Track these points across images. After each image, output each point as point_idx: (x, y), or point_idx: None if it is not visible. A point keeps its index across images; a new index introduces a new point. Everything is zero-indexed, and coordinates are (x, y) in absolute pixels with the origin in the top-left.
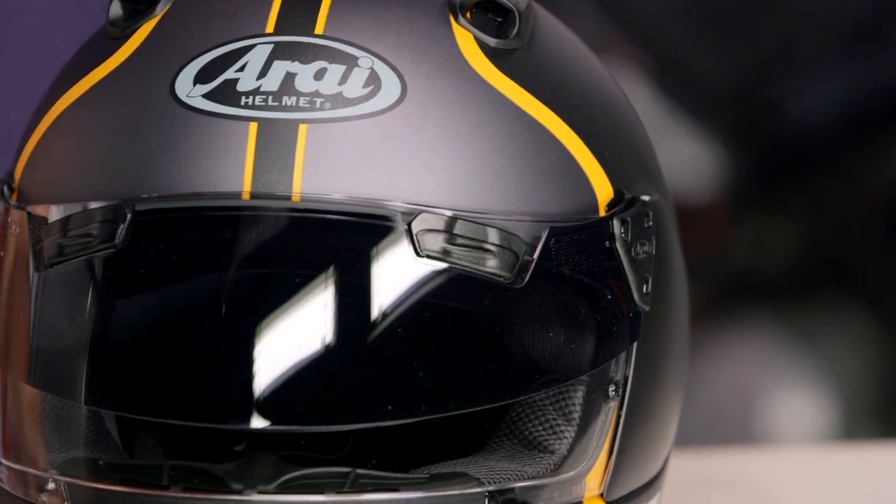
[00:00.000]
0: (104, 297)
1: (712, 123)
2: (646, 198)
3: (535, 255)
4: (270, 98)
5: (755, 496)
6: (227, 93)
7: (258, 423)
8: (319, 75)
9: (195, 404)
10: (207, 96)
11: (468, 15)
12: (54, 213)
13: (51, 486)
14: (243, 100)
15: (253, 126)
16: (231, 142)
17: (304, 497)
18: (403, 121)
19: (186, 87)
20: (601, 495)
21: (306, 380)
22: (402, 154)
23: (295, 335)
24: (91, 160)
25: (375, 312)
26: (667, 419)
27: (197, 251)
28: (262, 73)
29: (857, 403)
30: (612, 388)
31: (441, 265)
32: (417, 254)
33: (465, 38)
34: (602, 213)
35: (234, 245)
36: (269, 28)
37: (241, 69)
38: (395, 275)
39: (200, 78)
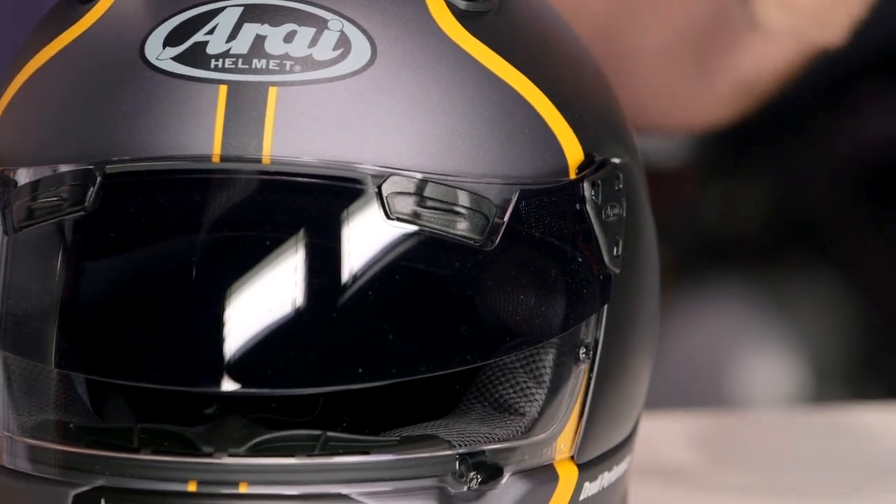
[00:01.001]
0: (74, 260)
1: None
2: (616, 160)
3: (506, 218)
4: (240, 61)
5: (725, 458)
6: (196, 55)
7: (229, 385)
8: (289, 38)
9: (166, 367)
10: (177, 59)
11: None
12: (23, 176)
13: (20, 448)
14: (213, 62)
15: (223, 89)
16: (201, 105)
17: (275, 459)
18: (373, 83)
19: (156, 50)
20: (572, 458)
21: (277, 343)
22: (372, 117)
23: (265, 298)
24: (60, 123)
25: (345, 275)
26: (637, 381)
27: (167, 214)
28: (232, 36)
29: (827, 365)
30: (582, 350)
31: (411, 228)
32: (387, 216)
33: (435, 1)
34: (572, 176)
35: (205, 208)
36: None
37: (211, 32)
38: (366, 237)
39: (170, 41)
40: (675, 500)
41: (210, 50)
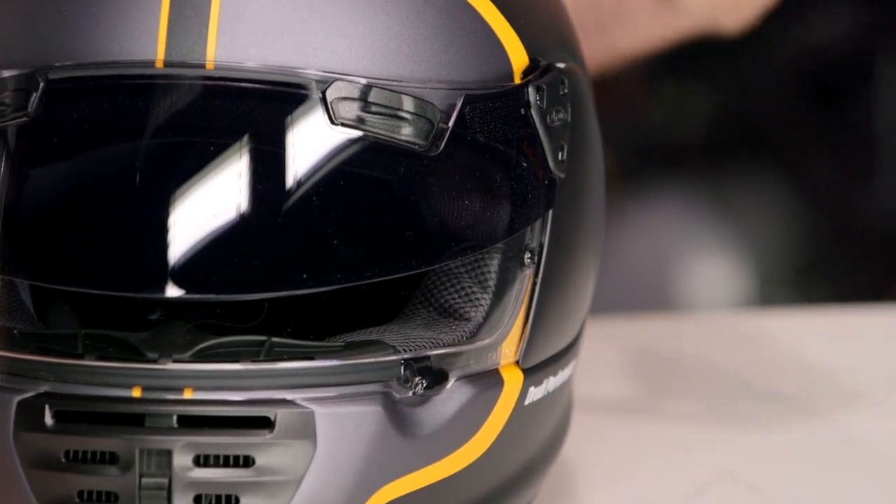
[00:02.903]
0: (17, 166)
1: None
2: (561, 65)
3: (450, 123)
4: None
5: (671, 362)
6: None
7: (173, 291)
8: None
9: (110, 273)
10: None
11: None
12: None
13: None
14: None
15: None
16: (144, 10)
17: (220, 365)
18: None
19: None
20: (517, 363)
21: (221, 248)
22: (316, 22)
23: (209, 203)
24: (3, 29)
25: (290, 181)
26: (582, 286)
27: (110, 119)
28: None
29: (771, 269)
30: (527, 255)
31: (356, 133)
32: (332, 122)
33: None
34: (517, 81)
35: (148, 113)
36: None
37: None
38: (310, 143)
39: None
40: (620, 404)
41: None
